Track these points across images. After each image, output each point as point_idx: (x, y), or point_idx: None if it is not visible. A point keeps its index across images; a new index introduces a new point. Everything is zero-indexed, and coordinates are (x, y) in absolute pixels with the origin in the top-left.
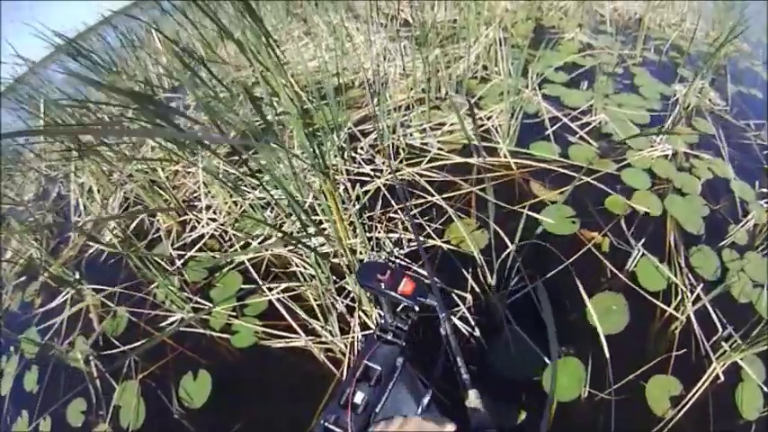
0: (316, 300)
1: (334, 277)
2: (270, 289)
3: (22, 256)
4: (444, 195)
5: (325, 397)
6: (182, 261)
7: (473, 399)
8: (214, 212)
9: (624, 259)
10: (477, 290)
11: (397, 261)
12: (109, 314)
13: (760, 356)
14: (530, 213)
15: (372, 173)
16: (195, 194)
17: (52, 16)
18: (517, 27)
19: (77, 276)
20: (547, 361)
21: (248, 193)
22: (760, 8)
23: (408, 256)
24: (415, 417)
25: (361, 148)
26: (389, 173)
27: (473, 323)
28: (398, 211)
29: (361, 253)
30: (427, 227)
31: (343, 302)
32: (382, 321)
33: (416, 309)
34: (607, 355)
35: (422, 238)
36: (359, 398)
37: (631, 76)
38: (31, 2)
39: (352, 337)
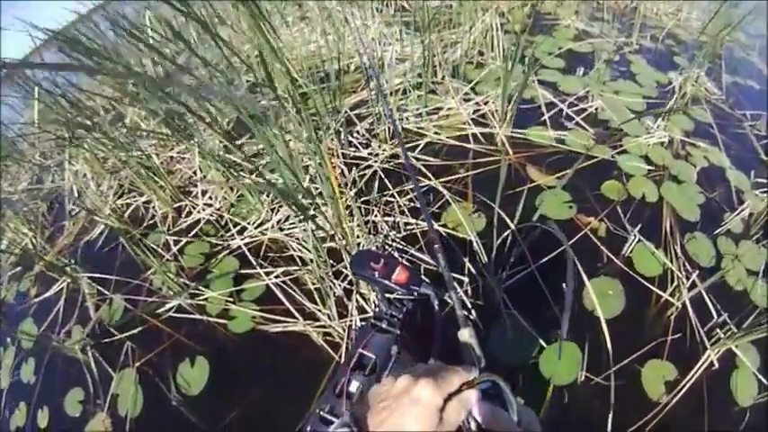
0: (313, 284)
1: (332, 261)
2: (267, 273)
3: (17, 245)
4: (441, 179)
5: (324, 381)
6: (178, 247)
7: (467, 336)
8: (210, 198)
9: (620, 245)
10: (475, 272)
11: (394, 244)
12: (105, 302)
13: (754, 344)
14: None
15: (369, 156)
16: (191, 179)
17: (50, 13)
18: (514, 13)
19: (73, 265)
20: (543, 344)
21: (244, 177)
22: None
23: (405, 239)
24: (437, 363)
25: (357, 132)
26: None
27: (470, 306)
28: (395, 195)
29: (358, 236)
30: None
31: (340, 286)
32: (377, 309)
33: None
34: (604, 339)
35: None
36: (354, 387)
37: (628, 64)
38: (29, 1)
39: (351, 321)
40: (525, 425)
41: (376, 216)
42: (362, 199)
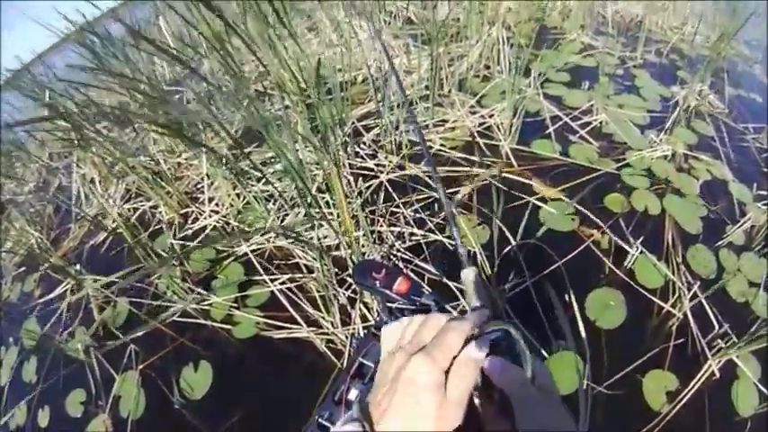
0: (318, 291)
1: (336, 269)
2: (272, 280)
3: (22, 246)
4: (446, 191)
5: (326, 388)
6: (183, 252)
7: (471, 277)
8: (216, 204)
9: (623, 256)
10: None
11: (399, 254)
12: (109, 304)
13: (755, 354)
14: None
15: (375, 167)
16: (198, 186)
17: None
18: (520, 27)
19: (78, 267)
20: (545, 355)
21: (251, 185)
22: (760, 12)
23: (410, 249)
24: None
25: (364, 143)
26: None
27: None
28: (401, 206)
29: (363, 246)
30: (429, 221)
31: (344, 294)
32: (378, 319)
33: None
34: (605, 349)
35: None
36: (353, 395)
37: (632, 78)
38: (31, 1)
39: (353, 329)
40: (540, 381)
41: (381, 226)
42: (368, 209)
